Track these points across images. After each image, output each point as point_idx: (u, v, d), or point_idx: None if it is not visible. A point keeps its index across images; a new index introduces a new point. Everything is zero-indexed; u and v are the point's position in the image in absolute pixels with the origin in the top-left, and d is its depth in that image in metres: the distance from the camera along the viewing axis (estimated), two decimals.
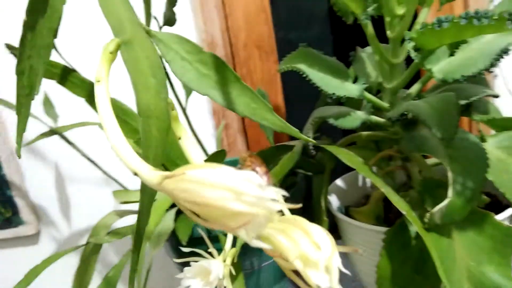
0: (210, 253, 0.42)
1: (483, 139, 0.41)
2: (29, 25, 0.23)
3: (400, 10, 0.39)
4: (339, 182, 0.55)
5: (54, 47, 0.43)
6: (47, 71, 0.50)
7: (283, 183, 0.51)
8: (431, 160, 0.45)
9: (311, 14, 0.76)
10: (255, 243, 0.13)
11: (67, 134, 0.65)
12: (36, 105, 0.64)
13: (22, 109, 0.23)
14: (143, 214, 0.18)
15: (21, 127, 0.23)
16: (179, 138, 0.19)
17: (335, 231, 0.50)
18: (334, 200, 0.52)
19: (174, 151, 0.51)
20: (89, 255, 0.49)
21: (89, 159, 0.64)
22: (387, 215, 0.48)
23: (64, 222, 0.87)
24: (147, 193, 0.17)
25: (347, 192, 0.55)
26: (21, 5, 0.24)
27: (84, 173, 0.83)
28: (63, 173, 0.84)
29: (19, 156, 0.22)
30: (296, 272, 0.14)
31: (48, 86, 0.56)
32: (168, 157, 0.55)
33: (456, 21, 0.29)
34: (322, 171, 0.49)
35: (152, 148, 0.17)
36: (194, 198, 0.13)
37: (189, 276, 0.38)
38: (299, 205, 0.14)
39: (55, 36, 0.28)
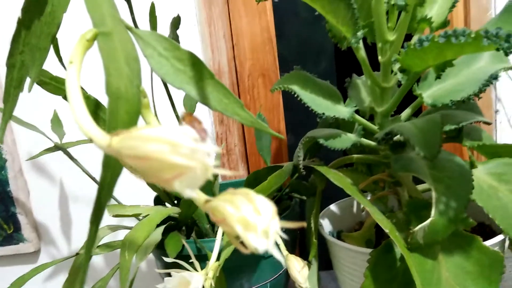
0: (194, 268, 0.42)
1: (473, 165, 0.41)
2: (24, 23, 0.25)
3: (391, 36, 0.41)
4: (333, 207, 0.55)
5: (59, 57, 0.45)
6: (53, 87, 0.52)
7: (278, 207, 0.51)
8: (422, 186, 0.45)
9: (317, 48, 0.78)
10: (189, 193, 0.14)
11: (72, 152, 0.66)
12: (45, 122, 0.66)
13: (10, 99, 0.24)
14: (104, 189, 0.18)
15: (7, 116, 0.24)
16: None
17: (327, 255, 0.50)
18: (326, 224, 0.52)
19: None
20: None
21: (91, 176, 0.65)
22: (379, 241, 0.48)
23: (64, 242, 0.88)
24: (110, 168, 0.18)
25: (340, 218, 0.54)
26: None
27: (88, 192, 0.84)
28: (67, 192, 0.86)
29: (1, 142, 0.23)
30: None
31: (58, 104, 0.59)
32: None
33: (436, 40, 0.30)
34: (315, 194, 0.49)
35: (118, 129, 0.18)
36: (136, 152, 0.13)
37: (169, 287, 0.38)
38: (241, 173, 0.14)
39: (52, 41, 0.30)
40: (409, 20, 0.38)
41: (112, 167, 0.18)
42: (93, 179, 0.65)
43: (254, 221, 0.14)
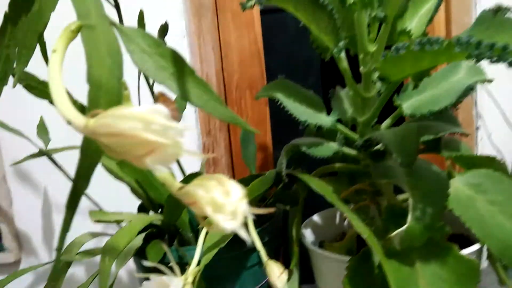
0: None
1: (451, 175, 0.42)
2: (11, 19, 0.26)
3: (372, 48, 0.42)
4: (315, 217, 0.55)
5: (46, 59, 0.46)
6: (40, 92, 0.52)
7: (261, 216, 0.51)
8: (403, 196, 0.46)
9: (304, 62, 0.80)
10: (159, 170, 0.14)
11: (57, 160, 0.66)
12: (30, 128, 0.66)
13: None
14: (81, 177, 0.18)
15: None
16: None
17: (310, 268, 0.50)
18: (309, 234, 0.52)
19: None
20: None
21: None
22: (359, 251, 0.48)
23: (45, 252, 0.86)
24: (89, 155, 0.18)
25: (323, 228, 0.55)
26: None
27: None
28: (51, 201, 0.85)
29: None
30: None
31: (44, 109, 0.59)
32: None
33: (411, 48, 0.31)
34: (297, 203, 0.50)
35: None
36: (111, 130, 0.14)
37: None
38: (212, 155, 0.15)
39: (39, 38, 0.30)
40: (389, 32, 0.39)
41: (90, 154, 0.18)
42: None
43: (222, 202, 0.15)
